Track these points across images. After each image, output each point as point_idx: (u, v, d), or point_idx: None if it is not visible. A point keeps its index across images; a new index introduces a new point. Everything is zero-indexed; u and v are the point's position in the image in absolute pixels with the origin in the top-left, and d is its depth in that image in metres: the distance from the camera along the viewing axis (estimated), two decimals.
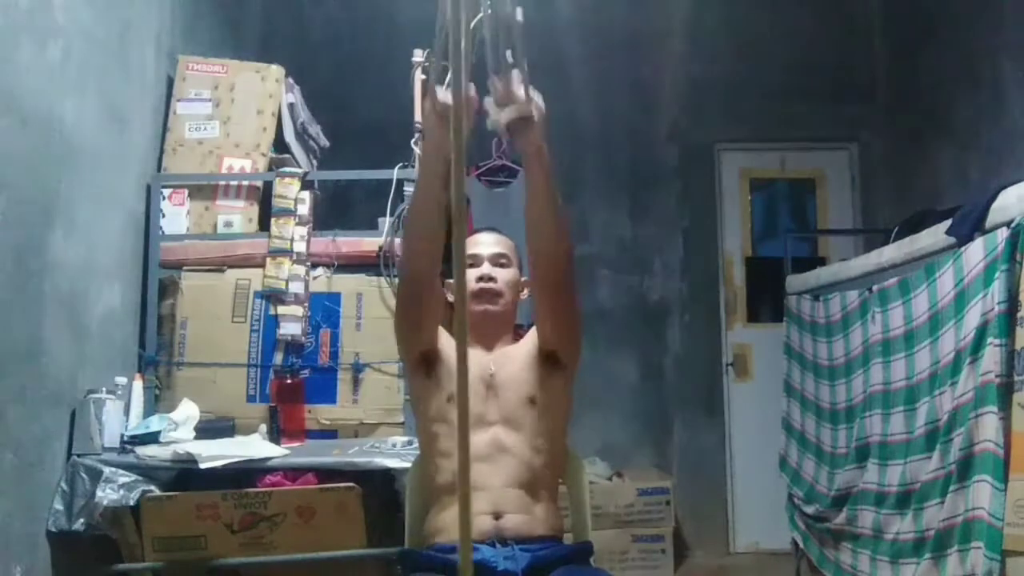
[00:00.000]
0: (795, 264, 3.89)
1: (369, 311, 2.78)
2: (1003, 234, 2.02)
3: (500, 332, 1.88)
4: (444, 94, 1.53)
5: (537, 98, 1.52)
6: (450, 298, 1.88)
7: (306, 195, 2.86)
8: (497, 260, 1.86)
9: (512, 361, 1.83)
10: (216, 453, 2.28)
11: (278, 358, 2.75)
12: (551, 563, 1.64)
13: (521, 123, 1.52)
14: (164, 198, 2.87)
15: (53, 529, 2.20)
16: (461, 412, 0.96)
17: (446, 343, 1.81)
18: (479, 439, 1.73)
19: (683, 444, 4.50)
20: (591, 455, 4.12)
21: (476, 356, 1.81)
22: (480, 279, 1.82)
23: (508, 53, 1.44)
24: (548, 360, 1.81)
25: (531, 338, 1.85)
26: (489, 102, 1.52)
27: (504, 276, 1.85)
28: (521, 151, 1.59)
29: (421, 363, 1.81)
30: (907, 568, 2.42)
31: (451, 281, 1.87)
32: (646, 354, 4.57)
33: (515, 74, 1.49)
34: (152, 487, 2.24)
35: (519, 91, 1.49)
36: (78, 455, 2.30)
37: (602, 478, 4.01)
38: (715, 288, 4.62)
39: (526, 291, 1.90)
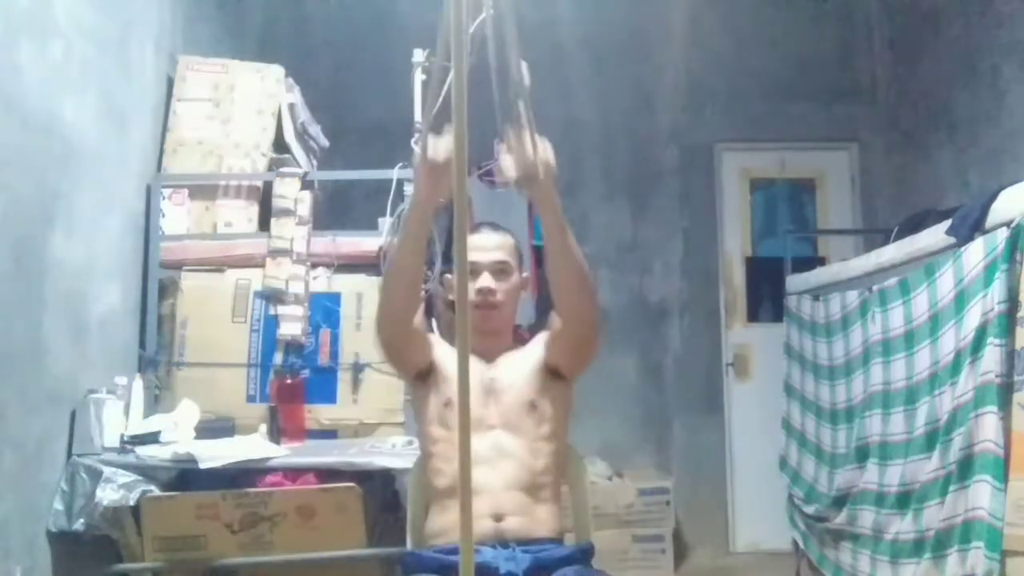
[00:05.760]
0: (795, 264, 3.89)
1: (369, 311, 2.77)
2: (1003, 234, 2.02)
3: (500, 341, 1.87)
4: (435, 146, 1.55)
5: (546, 153, 1.54)
6: (450, 296, 1.89)
7: (306, 195, 2.86)
8: (497, 268, 1.81)
9: (513, 367, 1.82)
10: (216, 453, 2.28)
11: (278, 358, 2.75)
12: (552, 564, 1.64)
13: (527, 179, 1.54)
14: (164, 198, 2.87)
15: (53, 529, 2.20)
16: (463, 420, 0.96)
17: (441, 354, 1.82)
18: (479, 443, 1.71)
19: (683, 444, 4.50)
20: (591, 455, 4.11)
21: (476, 365, 1.78)
22: (480, 292, 1.79)
23: (520, 104, 1.46)
24: (551, 372, 1.81)
25: (536, 346, 1.84)
26: (502, 150, 1.55)
27: (504, 287, 1.81)
28: (533, 202, 1.63)
29: (417, 377, 1.84)
30: (907, 568, 2.42)
31: (449, 277, 1.88)
32: (646, 354, 4.56)
33: (523, 128, 1.50)
34: (152, 487, 2.24)
35: (526, 148, 1.51)
36: (78, 455, 2.30)
37: (602, 478, 4.01)
38: (715, 288, 4.62)
39: (526, 291, 1.88)
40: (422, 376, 1.82)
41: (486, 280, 1.80)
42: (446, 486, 1.73)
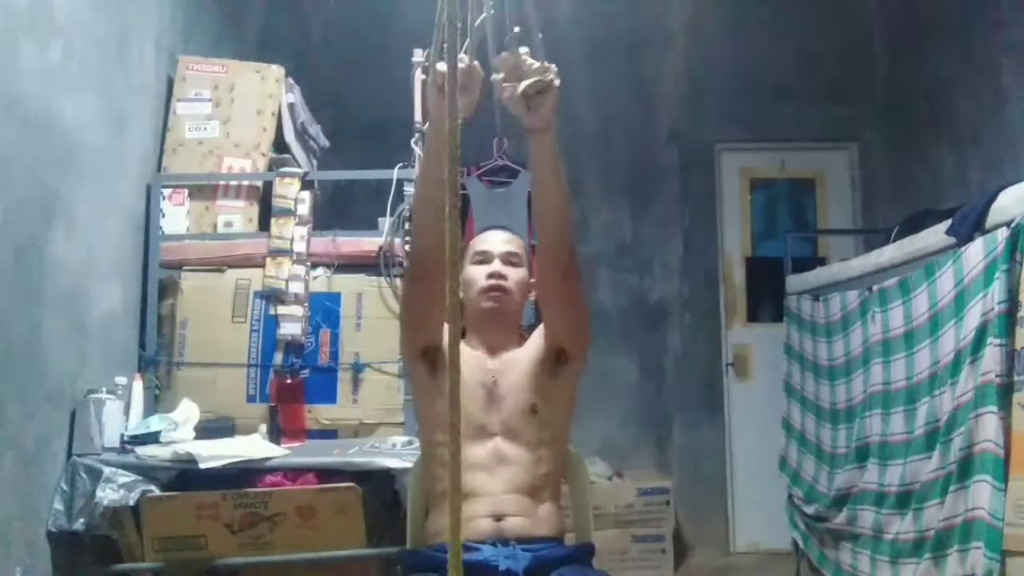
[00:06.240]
0: (795, 264, 3.89)
1: (369, 311, 2.78)
2: (1003, 234, 2.02)
3: (506, 333, 1.84)
4: (444, 67, 1.50)
5: (553, 67, 1.47)
6: (459, 293, 1.86)
7: (306, 195, 2.86)
8: (508, 258, 1.82)
9: (516, 366, 1.79)
10: (216, 453, 2.27)
11: (278, 358, 2.75)
12: (552, 563, 1.64)
13: (540, 93, 1.47)
14: (164, 198, 2.87)
15: (53, 529, 2.20)
16: (453, 425, 0.95)
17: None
18: (480, 450, 1.71)
19: (683, 444, 4.50)
20: (591, 455, 4.11)
21: (479, 360, 1.79)
22: (491, 276, 1.79)
23: (516, 28, 1.41)
24: (555, 359, 1.78)
25: (536, 339, 1.82)
26: (497, 80, 1.48)
27: (514, 275, 1.81)
28: (532, 127, 1.54)
29: (422, 359, 1.77)
30: (907, 568, 2.42)
31: (462, 276, 1.86)
32: (646, 354, 4.57)
33: (524, 48, 1.44)
34: (152, 487, 2.24)
35: (536, 61, 1.45)
36: (78, 455, 2.29)
37: (602, 478, 4.01)
38: (715, 288, 4.62)
39: (533, 293, 1.87)
40: (425, 359, 1.76)
41: (497, 265, 1.80)
42: (446, 489, 1.72)
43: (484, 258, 1.82)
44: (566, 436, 1.84)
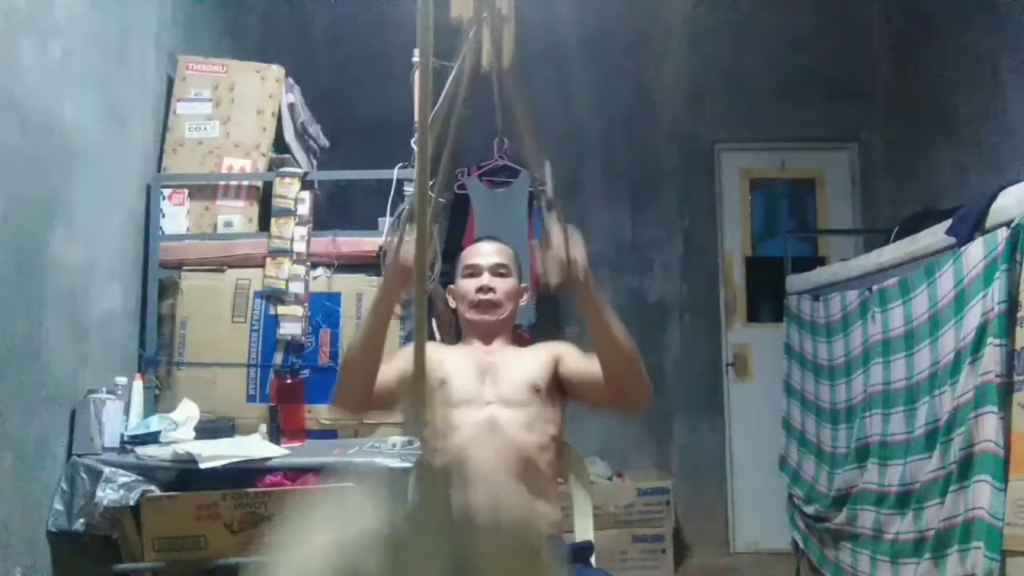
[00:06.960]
0: (795, 264, 3.89)
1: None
2: (1003, 234, 2.02)
3: (500, 337, 1.91)
4: (406, 248, 1.53)
5: (579, 254, 1.52)
6: (452, 303, 1.92)
7: (306, 195, 2.86)
8: (496, 270, 1.88)
9: (515, 356, 1.86)
10: (216, 453, 2.27)
11: (278, 358, 2.75)
12: None
13: (569, 283, 1.53)
14: (164, 198, 2.87)
15: (53, 529, 2.20)
16: (416, 397, 0.95)
17: (432, 352, 1.80)
18: (474, 418, 1.73)
19: (683, 444, 4.50)
20: (591, 455, 4.11)
21: (476, 349, 1.87)
22: (480, 290, 1.85)
23: (548, 190, 1.46)
24: (556, 378, 1.82)
25: (549, 351, 1.85)
26: (538, 249, 1.58)
27: (503, 286, 1.87)
28: (576, 302, 1.62)
29: (389, 400, 1.78)
30: (907, 568, 2.42)
31: (453, 287, 1.92)
32: (646, 354, 4.46)
33: (555, 229, 1.50)
34: (152, 487, 2.24)
35: (561, 249, 1.50)
36: (78, 455, 2.29)
37: (602, 478, 4.01)
38: (715, 288, 4.62)
39: (526, 297, 1.92)
40: (393, 392, 1.76)
41: (486, 278, 1.85)
42: (442, 465, 1.72)
43: (473, 271, 1.88)
44: (562, 425, 1.86)
